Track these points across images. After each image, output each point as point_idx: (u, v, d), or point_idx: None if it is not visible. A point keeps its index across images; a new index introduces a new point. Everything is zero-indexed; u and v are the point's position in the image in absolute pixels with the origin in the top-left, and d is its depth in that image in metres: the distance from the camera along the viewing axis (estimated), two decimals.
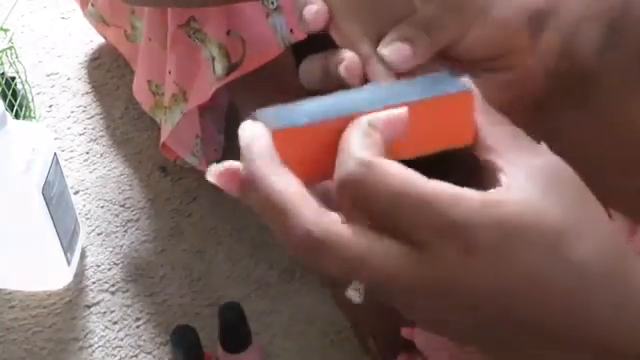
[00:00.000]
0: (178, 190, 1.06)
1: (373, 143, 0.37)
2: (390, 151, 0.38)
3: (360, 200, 0.36)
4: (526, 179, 0.37)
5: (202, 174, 1.04)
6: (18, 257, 0.93)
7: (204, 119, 1.01)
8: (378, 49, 0.47)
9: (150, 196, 1.06)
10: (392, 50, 0.45)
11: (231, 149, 1.03)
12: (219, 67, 0.89)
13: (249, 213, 1.01)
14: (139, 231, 1.02)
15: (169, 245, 1.01)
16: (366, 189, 0.35)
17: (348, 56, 0.47)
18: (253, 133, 0.37)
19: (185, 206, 1.04)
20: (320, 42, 0.53)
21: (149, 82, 1.02)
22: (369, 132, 0.37)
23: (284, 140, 0.38)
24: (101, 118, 1.15)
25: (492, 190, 0.37)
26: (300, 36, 0.85)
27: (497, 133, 0.40)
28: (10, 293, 0.96)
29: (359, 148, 0.36)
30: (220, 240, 1.01)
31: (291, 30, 0.86)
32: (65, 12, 1.29)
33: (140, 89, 1.05)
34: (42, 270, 0.95)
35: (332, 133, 0.38)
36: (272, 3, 0.85)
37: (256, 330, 0.87)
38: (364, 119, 0.38)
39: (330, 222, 0.35)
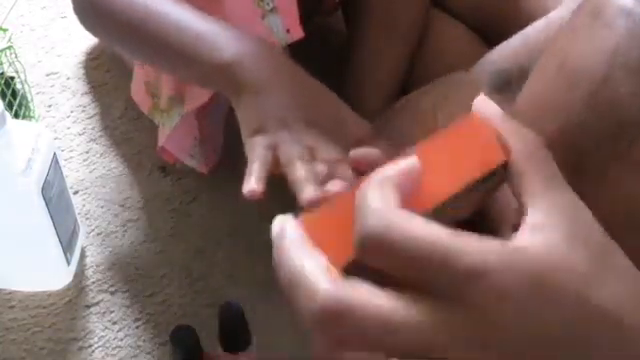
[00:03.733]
0: (178, 190, 1.06)
1: (388, 195, 0.36)
2: (409, 201, 0.37)
3: (384, 256, 0.35)
4: (549, 219, 0.37)
5: (202, 175, 1.04)
6: (18, 257, 0.93)
7: (204, 119, 1.01)
8: (350, 154, 0.50)
9: (150, 196, 1.06)
10: (361, 151, 0.49)
11: (231, 149, 1.03)
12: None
13: (249, 213, 1.01)
14: (139, 231, 1.02)
15: (169, 245, 1.01)
16: (388, 244, 0.34)
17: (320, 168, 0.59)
18: (282, 221, 0.38)
19: (185, 206, 1.04)
20: (316, 41, 0.54)
21: (147, 84, 1.02)
22: (382, 184, 0.36)
23: (312, 223, 0.38)
24: (101, 118, 1.15)
25: (517, 234, 0.36)
26: (297, 36, 0.85)
27: (523, 159, 0.39)
28: (10, 293, 0.96)
29: (375, 202, 0.35)
30: (220, 240, 1.01)
31: (287, 30, 0.86)
32: (64, 11, 1.29)
33: (138, 91, 1.05)
34: (42, 270, 0.95)
35: (350, 204, 0.37)
36: (268, 4, 0.84)
37: (256, 330, 0.86)
38: (376, 175, 0.37)
39: (348, 291, 0.34)
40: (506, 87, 0.61)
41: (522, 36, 0.66)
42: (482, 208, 0.41)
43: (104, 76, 1.20)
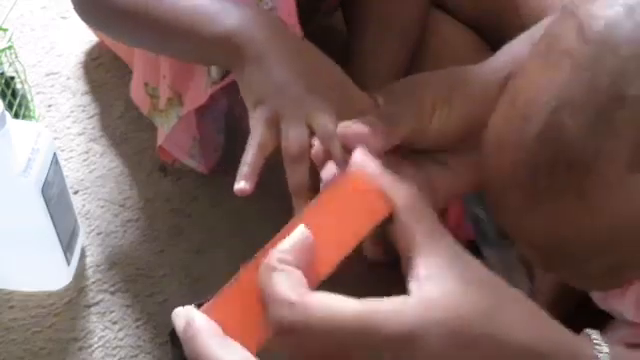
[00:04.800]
0: (178, 190, 1.06)
1: (287, 277, 0.37)
2: (306, 270, 0.38)
3: (301, 342, 0.36)
4: (437, 269, 0.38)
5: (202, 174, 1.04)
6: (18, 257, 0.93)
7: (203, 119, 1.01)
8: (337, 128, 0.52)
9: (150, 196, 1.06)
10: (350, 128, 0.50)
11: (231, 149, 1.03)
12: (214, 70, 0.89)
13: (249, 213, 1.01)
14: (139, 231, 1.02)
15: (169, 245, 1.01)
16: (299, 332, 0.36)
17: (315, 144, 0.58)
18: (186, 314, 0.41)
19: (185, 206, 1.04)
20: (316, 41, 0.55)
21: (145, 85, 1.02)
22: (280, 268, 0.38)
23: (216, 310, 0.39)
24: (101, 118, 1.15)
25: (413, 288, 0.38)
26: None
27: (405, 212, 0.40)
28: (10, 293, 0.96)
29: (279, 291, 0.37)
30: (220, 240, 1.01)
31: None
32: (64, 12, 1.29)
33: (137, 91, 1.05)
34: (42, 270, 0.95)
35: (252, 283, 0.38)
36: (267, 3, 0.84)
37: None
38: (271, 259, 0.38)
39: None
40: None
41: (530, 37, 0.66)
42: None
43: (104, 76, 1.20)
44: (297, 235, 0.39)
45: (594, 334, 0.42)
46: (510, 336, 0.37)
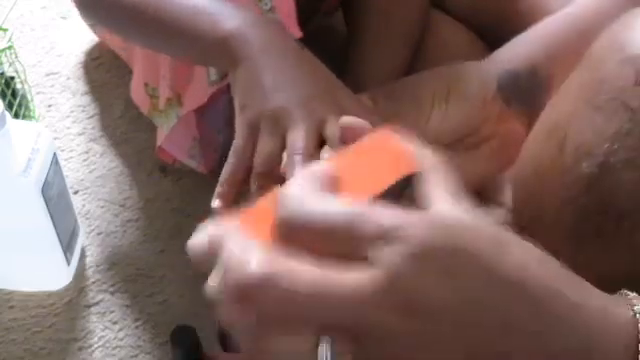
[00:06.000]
0: (178, 190, 1.06)
1: (304, 183, 0.37)
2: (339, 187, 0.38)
3: (302, 234, 0.35)
4: (453, 209, 0.37)
5: (202, 174, 1.04)
6: (18, 257, 0.93)
7: (203, 119, 1.01)
8: (339, 121, 0.50)
9: (150, 196, 1.06)
10: (350, 124, 0.48)
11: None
12: (213, 71, 0.89)
13: None
14: (139, 231, 1.02)
15: (169, 245, 1.01)
16: (302, 222, 0.35)
17: (283, 160, 0.59)
18: (214, 226, 0.39)
19: (185, 206, 1.04)
20: (316, 41, 0.55)
21: (145, 85, 1.02)
22: (302, 175, 0.37)
23: (246, 217, 0.39)
24: (100, 118, 1.15)
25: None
26: (295, 36, 0.85)
27: (429, 171, 0.39)
28: (10, 293, 0.96)
29: (291, 188, 0.36)
30: None
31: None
32: (64, 12, 1.29)
33: (137, 91, 1.05)
34: (42, 270, 0.95)
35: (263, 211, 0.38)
36: (266, 4, 0.84)
37: None
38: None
39: (276, 261, 0.34)
40: (514, 88, 0.61)
41: (534, 35, 0.65)
42: None
43: (104, 76, 1.20)
44: (325, 163, 0.39)
45: (629, 293, 0.38)
46: (529, 272, 0.35)
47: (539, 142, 0.49)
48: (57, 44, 1.25)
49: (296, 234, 0.35)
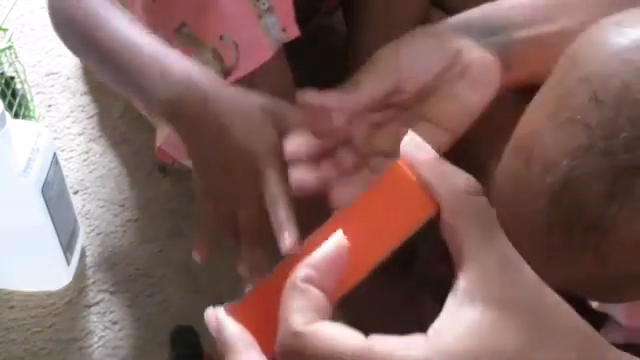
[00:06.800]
0: (178, 190, 1.06)
1: (304, 299, 0.36)
2: (339, 285, 0.37)
3: None
4: (480, 286, 0.35)
5: None
6: (18, 257, 0.93)
7: None
8: (300, 99, 0.56)
9: (150, 196, 1.06)
10: (311, 98, 0.53)
11: None
12: (213, 72, 0.89)
13: None
14: (138, 231, 1.02)
15: (169, 245, 1.01)
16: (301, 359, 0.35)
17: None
18: (216, 314, 0.42)
19: (185, 206, 1.04)
20: (316, 41, 0.56)
21: None
22: (301, 288, 0.37)
23: (241, 312, 0.40)
24: (100, 118, 1.15)
25: (448, 305, 0.35)
26: (293, 35, 0.85)
27: (452, 214, 0.37)
28: (10, 293, 0.96)
29: (291, 314, 0.36)
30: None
31: (284, 29, 0.86)
32: None
33: None
34: (42, 270, 0.95)
35: (279, 289, 0.37)
36: (264, 4, 0.84)
37: None
38: (297, 274, 0.37)
39: None
40: (465, 28, 0.61)
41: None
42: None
43: None
44: (331, 245, 0.37)
45: None
46: None
47: (509, 157, 0.51)
48: (57, 44, 1.25)
49: None
